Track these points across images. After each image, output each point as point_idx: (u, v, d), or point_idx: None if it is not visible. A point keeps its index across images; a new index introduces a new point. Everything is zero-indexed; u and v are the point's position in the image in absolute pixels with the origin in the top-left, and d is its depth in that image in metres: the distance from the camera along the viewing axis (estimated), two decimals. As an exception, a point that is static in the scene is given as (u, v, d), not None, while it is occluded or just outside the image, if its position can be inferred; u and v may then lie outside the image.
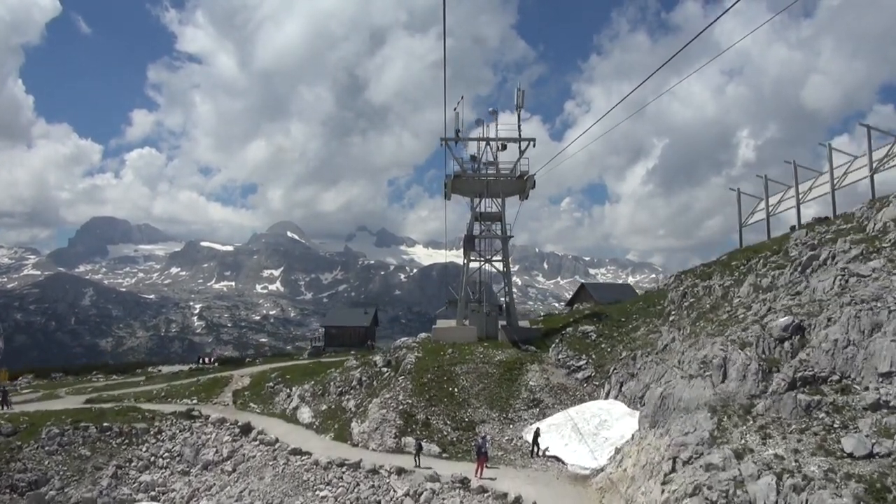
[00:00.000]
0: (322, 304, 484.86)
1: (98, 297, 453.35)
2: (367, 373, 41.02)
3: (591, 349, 39.54)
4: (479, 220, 46.76)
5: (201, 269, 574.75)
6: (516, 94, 46.54)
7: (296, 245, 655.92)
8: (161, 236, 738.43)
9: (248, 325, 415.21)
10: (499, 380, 37.86)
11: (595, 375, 37.44)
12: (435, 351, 41.79)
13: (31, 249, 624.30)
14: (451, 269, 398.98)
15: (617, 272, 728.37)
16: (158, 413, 41.16)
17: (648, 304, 41.84)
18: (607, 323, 41.90)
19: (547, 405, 36.17)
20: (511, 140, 46.66)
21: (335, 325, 72.07)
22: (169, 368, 74.93)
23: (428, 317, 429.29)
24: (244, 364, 61.95)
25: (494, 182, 46.26)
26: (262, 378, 48.78)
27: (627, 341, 38.47)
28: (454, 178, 45.48)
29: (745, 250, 40.66)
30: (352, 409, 38.33)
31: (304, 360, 62.74)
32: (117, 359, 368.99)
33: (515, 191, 46.96)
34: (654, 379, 33.14)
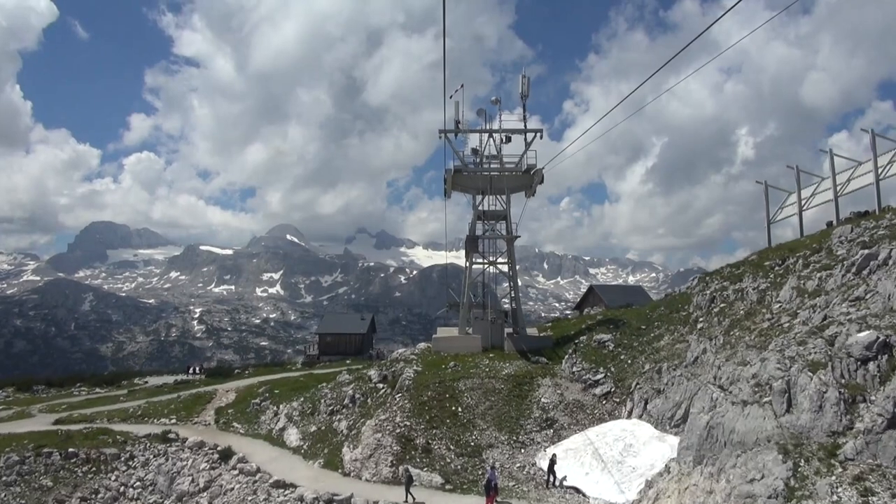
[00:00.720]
0: (322, 306, 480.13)
1: (98, 303, 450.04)
2: (360, 389, 36.82)
3: (610, 361, 35.32)
4: (481, 219, 42.57)
5: (201, 273, 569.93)
6: (521, 81, 42.43)
7: (295, 248, 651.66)
8: (160, 240, 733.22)
9: (249, 329, 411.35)
10: (507, 396, 33.66)
11: (615, 391, 33.22)
12: (435, 364, 37.62)
13: (30, 255, 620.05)
14: (452, 271, 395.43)
15: (617, 271, 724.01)
16: (131, 436, 36.98)
17: (671, 309, 37.64)
18: (625, 331, 37.69)
19: (562, 426, 31.97)
20: (516, 131, 42.53)
21: (330, 333, 67.86)
22: (155, 380, 70.73)
23: (428, 318, 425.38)
24: (232, 376, 57.77)
25: (498, 177, 42.08)
26: (248, 393, 44.60)
27: (650, 352, 34.26)
28: (454, 174, 41.31)
29: (777, 249, 36.56)
30: (343, 431, 34.12)
31: (297, 370, 58.61)
32: (117, 364, 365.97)
33: (521, 186, 42.78)
34: (686, 397, 28.99)
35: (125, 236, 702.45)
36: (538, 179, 40.58)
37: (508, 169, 42.37)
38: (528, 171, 41.48)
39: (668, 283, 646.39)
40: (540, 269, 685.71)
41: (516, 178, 42.20)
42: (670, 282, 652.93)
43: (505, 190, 41.91)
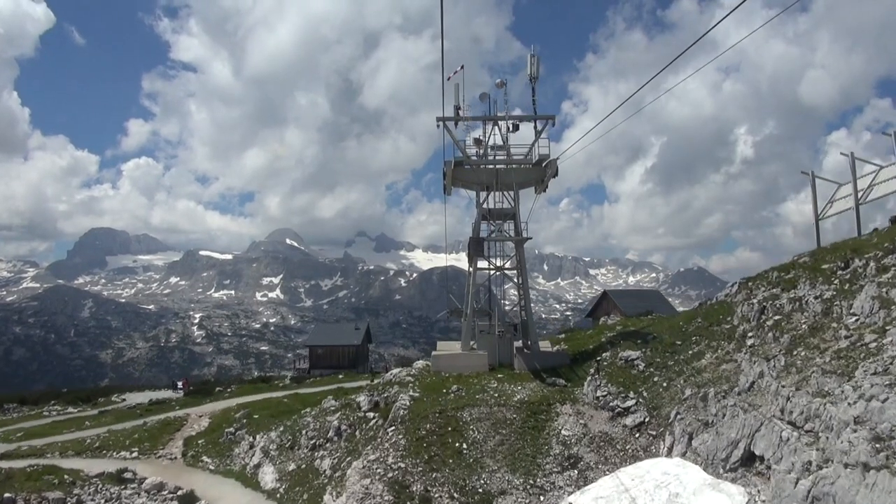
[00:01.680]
0: (322, 310, 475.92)
1: (97, 309, 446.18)
2: (347, 419, 31.14)
3: (641, 383, 29.63)
4: (486, 218, 36.91)
5: (200, 279, 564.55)
6: (530, 61, 36.81)
7: (295, 252, 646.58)
8: (160, 246, 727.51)
9: (249, 334, 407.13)
10: (521, 429, 28.00)
11: (650, 421, 27.54)
12: (435, 387, 31.96)
13: (29, 262, 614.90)
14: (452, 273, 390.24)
15: (617, 272, 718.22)
16: (82, 475, 31.38)
17: (710, 321, 32.00)
18: (656, 346, 32.02)
19: (588, 465, 26.32)
20: (525, 118, 36.92)
21: (321, 345, 62.16)
22: (135, 397, 65.29)
23: (429, 321, 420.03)
24: (213, 395, 52.19)
25: (506, 170, 36.43)
26: (223, 419, 39.03)
27: (689, 373, 28.58)
28: (455, 167, 35.65)
29: (835, 249, 30.88)
30: (327, 471, 28.47)
31: (284, 387, 53.01)
32: (117, 371, 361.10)
33: (531, 180, 37.11)
34: (745, 433, 23.34)
35: (124, 242, 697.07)
36: (552, 172, 34.88)
37: (517, 161, 36.74)
38: (540, 162, 35.84)
39: (668, 283, 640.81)
40: (540, 271, 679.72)
41: (526, 172, 36.56)
42: (670, 281, 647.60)
43: (513, 185, 36.23)
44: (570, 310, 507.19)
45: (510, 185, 36.48)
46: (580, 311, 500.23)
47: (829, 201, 35.36)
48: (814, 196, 35.36)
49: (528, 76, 37.06)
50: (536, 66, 36.78)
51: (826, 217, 35.28)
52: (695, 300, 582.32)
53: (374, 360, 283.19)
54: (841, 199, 34.62)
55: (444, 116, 35.71)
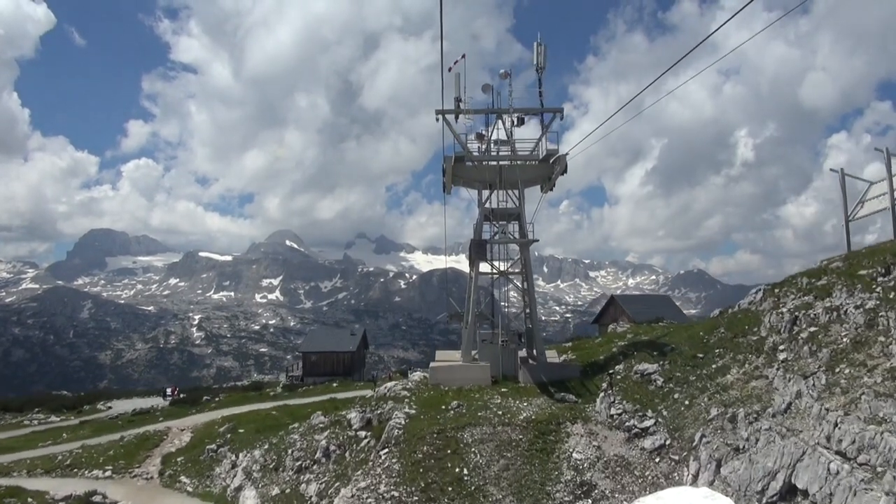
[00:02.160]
0: (322, 312, 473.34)
1: (97, 310, 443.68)
2: (336, 438, 28.28)
3: (659, 401, 26.78)
4: (489, 219, 34.07)
5: (200, 280, 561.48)
6: (536, 50, 33.99)
7: (294, 254, 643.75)
8: (159, 247, 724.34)
9: (248, 336, 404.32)
10: (528, 451, 25.16)
11: (671, 444, 24.69)
12: (433, 403, 29.13)
13: (29, 263, 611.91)
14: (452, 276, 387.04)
15: (617, 274, 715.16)
16: (48, 498, 28.52)
17: (734, 331, 29.16)
18: (675, 359, 29.18)
19: (602, 493, 23.49)
20: (531, 111, 34.06)
21: (315, 351, 59.26)
22: (122, 404, 62.58)
23: (428, 323, 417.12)
24: (199, 404, 49.35)
25: (510, 167, 33.60)
26: (206, 433, 36.20)
27: (714, 390, 25.73)
28: (455, 163, 32.82)
29: (872, 253, 28.07)
30: (313, 497, 25.63)
31: (275, 396, 50.20)
32: (116, 372, 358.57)
33: (538, 178, 34.28)
34: (784, 463, 20.55)
35: (124, 243, 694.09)
36: (560, 169, 32.00)
37: (522, 157, 33.92)
38: (547, 158, 33.00)
39: (668, 286, 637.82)
40: (539, 273, 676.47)
41: (532, 169, 33.73)
42: (670, 284, 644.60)
43: (518, 183, 33.38)
44: (570, 312, 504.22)
45: (515, 183, 33.66)
46: (580, 312, 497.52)
47: (860, 201, 32.51)
48: (843, 196, 32.50)
49: (535, 66, 34.24)
50: (543, 56, 33.95)
51: (857, 218, 32.46)
52: (695, 303, 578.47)
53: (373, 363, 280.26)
54: (873, 199, 31.73)
55: (444, 109, 32.93)
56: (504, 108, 34.08)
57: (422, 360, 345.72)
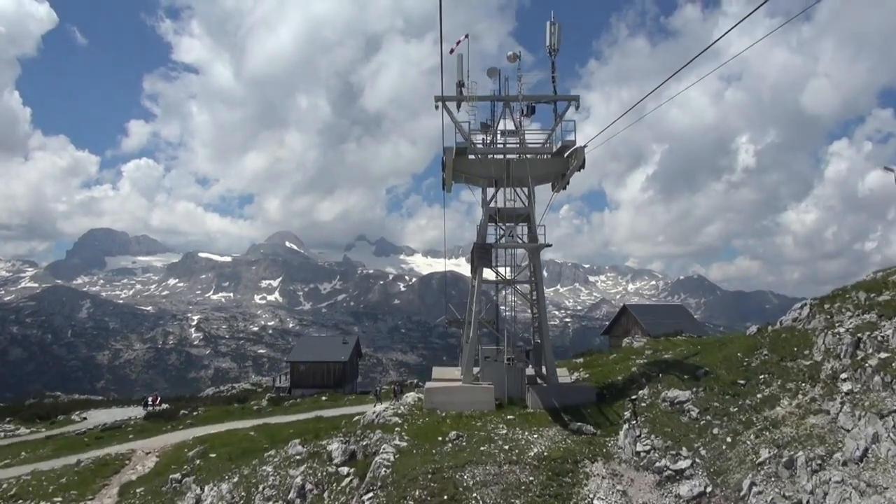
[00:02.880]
0: (321, 314, 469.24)
1: (95, 310, 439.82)
2: (314, 475, 23.97)
3: (695, 436, 22.51)
4: (494, 220, 29.83)
5: (199, 281, 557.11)
6: (549, 30, 29.83)
7: (294, 255, 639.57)
8: (159, 248, 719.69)
9: (246, 337, 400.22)
10: (539, 497, 20.82)
11: (713, 492, 20.39)
12: (428, 433, 24.87)
13: (29, 262, 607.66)
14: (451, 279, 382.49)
15: (617, 279, 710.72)
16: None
17: (779, 353, 24.88)
18: (710, 384, 24.90)
19: (632, 553, 19.25)
20: (543, 98, 29.91)
21: (304, 361, 54.92)
22: (99, 415, 58.48)
23: (428, 326, 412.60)
24: (176, 419, 45.06)
25: (519, 162, 29.38)
26: (175, 457, 31.95)
27: (762, 425, 21.49)
28: (457, 156, 28.61)
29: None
30: (283, 549, 21.38)
31: (258, 411, 45.93)
32: (114, 372, 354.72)
33: (551, 174, 30.05)
34: (869, 531, 16.37)
35: (124, 243, 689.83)
36: (577, 163, 27.71)
37: (533, 150, 29.72)
38: (562, 151, 28.80)
39: (668, 291, 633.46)
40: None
41: (544, 163, 29.51)
42: (670, 289, 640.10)
43: (528, 179, 29.15)
44: (570, 317, 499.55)
45: (524, 180, 29.42)
46: (579, 317, 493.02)
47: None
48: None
49: (547, 49, 30.08)
50: (557, 37, 29.78)
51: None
52: (695, 308, 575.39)
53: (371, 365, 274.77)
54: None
55: (444, 95, 28.77)
56: (512, 95, 29.90)
57: (420, 364, 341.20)
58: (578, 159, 27.25)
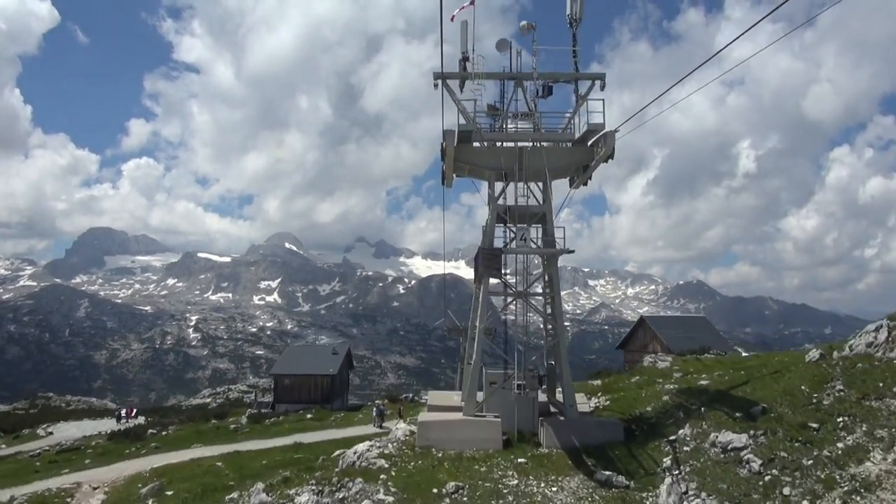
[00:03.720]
0: (320, 315, 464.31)
1: (93, 309, 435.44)
2: (277, 536, 19.03)
3: (759, 497, 17.52)
4: (504, 220, 24.81)
5: (198, 281, 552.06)
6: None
7: (294, 256, 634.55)
8: (158, 247, 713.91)
9: (245, 338, 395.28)
10: (564, 579, 15.90)
11: (792, 579, 15.47)
12: (420, 483, 19.88)
13: (27, 260, 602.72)
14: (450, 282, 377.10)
15: (616, 284, 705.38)
16: None
17: (858, 389, 19.85)
18: (771, 426, 19.93)
19: None
20: (563, 76, 24.99)
21: (288, 374, 49.81)
22: (67, 428, 53.65)
23: (426, 329, 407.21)
24: (141, 439, 40.02)
25: (534, 150, 24.41)
26: (124, 496, 27.01)
27: (849, 486, 16.54)
28: (460, 143, 23.64)
29: None
30: None
31: (235, 431, 40.96)
32: (111, 372, 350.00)
33: (571, 166, 25.06)
34: None
35: (123, 242, 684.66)
36: (605, 152, 22.65)
37: (550, 136, 24.77)
38: (585, 138, 23.84)
39: (667, 296, 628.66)
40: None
41: (564, 152, 24.55)
42: (669, 294, 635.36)
43: (544, 172, 24.18)
44: (569, 321, 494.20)
45: (539, 173, 24.44)
46: (578, 321, 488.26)
47: None
48: None
49: (568, 19, 25.19)
50: (580, 4, 24.90)
51: None
52: (694, 314, 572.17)
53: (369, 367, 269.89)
54: None
55: (444, 72, 23.88)
56: (526, 72, 24.96)
57: (419, 367, 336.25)
58: (607, 147, 22.23)
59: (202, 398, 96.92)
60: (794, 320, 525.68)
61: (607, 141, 22.11)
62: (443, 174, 25.77)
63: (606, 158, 22.95)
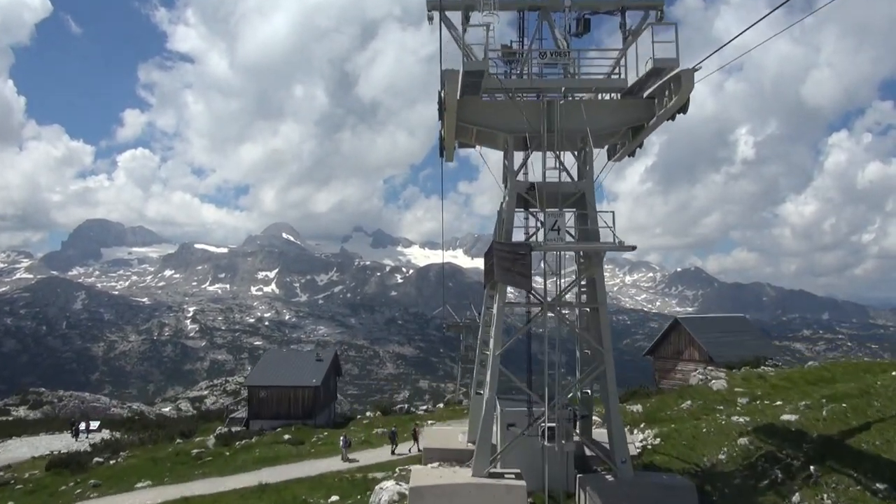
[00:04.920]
0: (318, 305, 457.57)
1: (90, 301, 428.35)
2: None
3: None
4: (526, 203, 17.69)
5: (195, 272, 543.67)
6: None
7: (291, 246, 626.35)
8: (155, 238, 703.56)
9: (243, 329, 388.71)
10: None
11: None
12: None
13: (24, 253, 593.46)
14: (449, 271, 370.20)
15: (614, 271, 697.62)
16: None
17: None
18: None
19: None
20: (603, 6, 17.80)
21: (265, 386, 42.70)
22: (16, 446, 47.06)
23: (425, 318, 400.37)
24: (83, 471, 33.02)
25: (568, 106, 17.27)
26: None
27: None
28: (465, 93, 16.48)
29: None
30: None
31: (197, 459, 34.04)
32: (108, 364, 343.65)
33: (620, 125, 17.87)
34: None
35: (119, 234, 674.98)
36: (679, 99, 15.46)
37: (592, 84, 17.65)
38: (642, 86, 16.75)
39: (665, 283, 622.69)
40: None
41: (611, 108, 17.46)
42: (667, 281, 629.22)
43: (583, 135, 17.07)
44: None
45: (574, 137, 17.38)
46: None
47: None
48: None
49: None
50: None
51: None
52: (692, 300, 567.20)
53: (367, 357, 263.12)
54: None
55: (442, 3, 16.78)
56: (552, 1, 17.84)
57: (418, 357, 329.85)
58: (682, 92, 15.06)
59: (199, 391, 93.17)
60: (791, 306, 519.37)
61: (681, 86, 14.93)
62: (441, 143, 18.70)
63: (677, 112, 15.84)
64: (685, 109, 15.71)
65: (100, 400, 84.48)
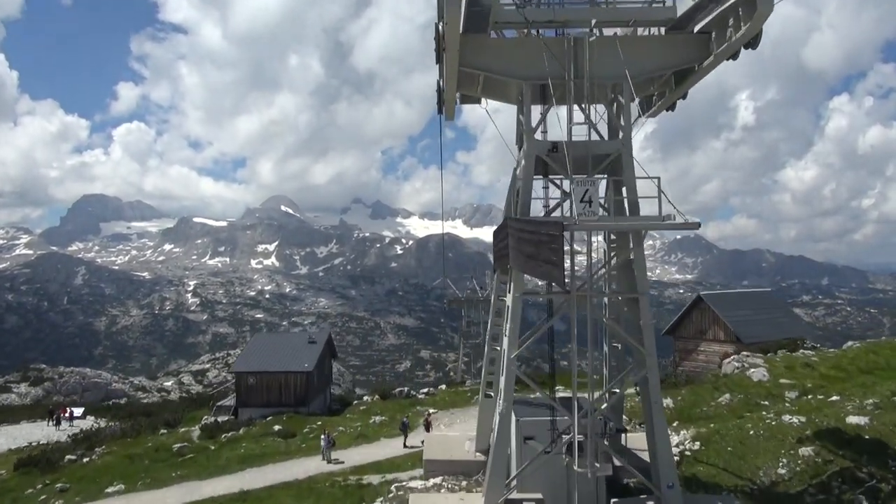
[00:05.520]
0: (318, 278, 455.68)
1: (90, 276, 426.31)
2: None
3: None
4: (546, 169, 14.07)
5: (195, 246, 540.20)
6: None
7: (290, 219, 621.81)
8: (154, 213, 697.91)
9: (244, 302, 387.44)
10: None
11: None
12: None
13: (23, 229, 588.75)
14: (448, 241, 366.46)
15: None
16: None
17: None
18: None
19: None
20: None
21: (254, 371, 39.49)
22: None
23: (425, 289, 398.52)
24: (52, 472, 30.02)
25: (600, 43, 13.54)
26: None
27: None
28: (469, 28, 12.73)
29: None
30: None
31: (178, 455, 31.01)
32: (111, 339, 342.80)
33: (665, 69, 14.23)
34: None
35: (118, 209, 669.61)
36: (748, 32, 11.86)
37: (628, 14, 13.88)
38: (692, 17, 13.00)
39: (664, 251, 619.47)
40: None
41: (654, 46, 13.77)
42: (667, 249, 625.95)
43: (622, 80, 13.39)
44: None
45: (605, 85, 13.70)
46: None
47: None
48: None
49: None
50: None
51: None
52: (692, 268, 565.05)
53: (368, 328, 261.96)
54: None
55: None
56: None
57: (419, 328, 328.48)
58: (756, 20, 11.32)
59: (202, 364, 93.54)
60: (791, 272, 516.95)
61: (757, 7, 11.17)
62: (439, 95, 15.00)
63: (740, 49, 12.13)
64: (755, 43, 11.99)
65: (101, 376, 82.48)
